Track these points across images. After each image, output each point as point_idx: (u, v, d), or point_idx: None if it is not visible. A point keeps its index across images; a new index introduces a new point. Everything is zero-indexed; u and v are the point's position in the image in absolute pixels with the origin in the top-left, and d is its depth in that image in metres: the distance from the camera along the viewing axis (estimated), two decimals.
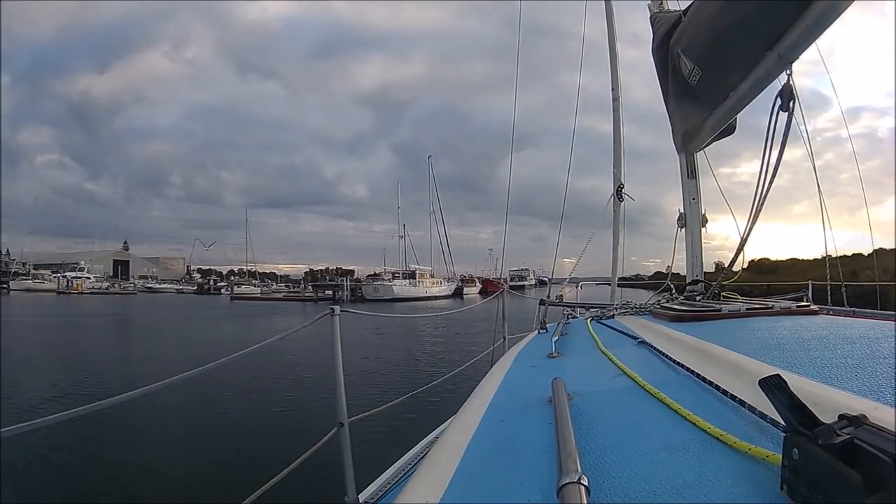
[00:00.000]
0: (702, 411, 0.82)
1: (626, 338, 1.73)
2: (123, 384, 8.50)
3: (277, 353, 12.64)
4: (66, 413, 1.43)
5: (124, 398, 1.59)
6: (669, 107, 3.36)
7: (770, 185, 1.94)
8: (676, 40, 2.91)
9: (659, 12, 3.56)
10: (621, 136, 5.14)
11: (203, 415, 7.39)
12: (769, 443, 0.67)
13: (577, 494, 0.57)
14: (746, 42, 2.10)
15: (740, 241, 2.29)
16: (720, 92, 2.53)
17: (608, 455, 0.75)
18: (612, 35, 5.27)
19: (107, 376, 10.68)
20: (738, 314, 1.85)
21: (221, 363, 2.00)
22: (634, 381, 1.10)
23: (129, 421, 6.76)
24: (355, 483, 2.05)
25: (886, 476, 0.43)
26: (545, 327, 2.67)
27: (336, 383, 2.18)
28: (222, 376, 9.27)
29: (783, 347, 1.22)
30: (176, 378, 1.69)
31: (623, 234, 5.05)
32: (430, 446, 1.90)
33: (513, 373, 1.59)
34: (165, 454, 5.90)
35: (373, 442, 3.98)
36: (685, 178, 3.45)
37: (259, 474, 2.02)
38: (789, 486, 0.55)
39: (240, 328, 22.56)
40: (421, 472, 0.89)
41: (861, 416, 0.52)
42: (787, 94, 1.81)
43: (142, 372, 10.61)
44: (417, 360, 12.32)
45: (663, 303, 2.57)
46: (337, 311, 2.24)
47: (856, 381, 0.86)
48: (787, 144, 1.84)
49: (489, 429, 1.01)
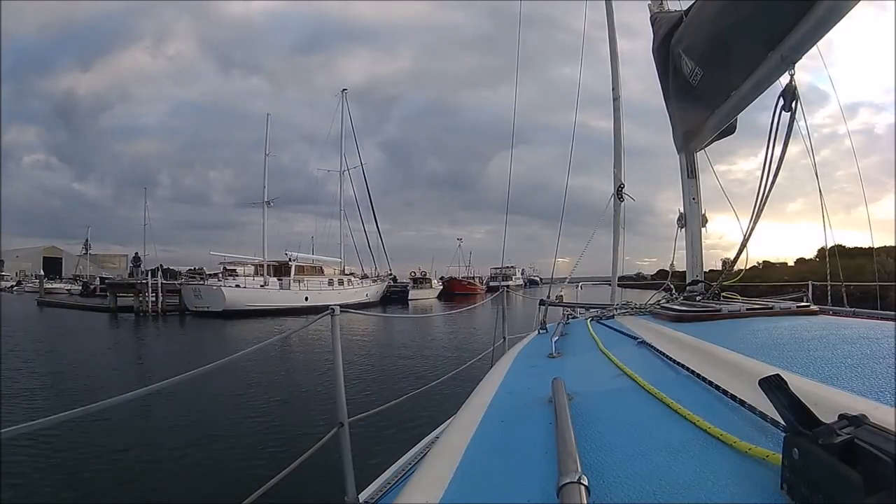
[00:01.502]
0: (702, 411, 0.82)
1: (626, 338, 1.73)
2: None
3: (277, 353, 12.66)
4: (66, 413, 1.43)
5: (124, 399, 1.59)
6: (670, 107, 3.36)
7: (772, 185, 1.94)
8: (677, 40, 2.91)
9: (659, 12, 3.55)
10: (622, 136, 5.13)
11: (203, 415, 7.40)
12: (769, 443, 0.67)
13: (577, 494, 0.57)
14: (748, 42, 2.09)
15: (742, 241, 2.29)
16: (721, 92, 2.52)
17: (608, 455, 0.75)
18: (613, 34, 5.26)
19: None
20: (739, 314, 1.85)
21: (222, 363, 2.00)
22: (634, 381, 1.10)
23: (129, 422, 6.78)
24: (355, 483, 2.05)
25: (886, 476, 0.43)
26: (545, 327, 2.67)
27: (336, 383, 2.18)
28: (222, 376, 9.29)
29: (783, 347, 1.22)
30: (176, 378, 1.69)
31: (623, 234, 5.05)
32: (430, 446, 1.90)
33: (513, 373, 1.59)
34: (165, 455, 5.90)
35: (373, 442, 3.98)
36: (685, 177, 3.45)
37: (259, 474, 2.03)
38: (789, 485, 0.55)
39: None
40: (421, 472, 0.89)
41: (861, 416, 0.52)
42: (790, 95, 1.81)
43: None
44: (418, 360, 12.31)
45: (663, 303, 2.57)
46: (337, 312, 2.24)
47: (856, 381, 0.86)
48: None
49: (489, 429, 1.01)
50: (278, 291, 29.67)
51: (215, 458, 5.79)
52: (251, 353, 2.17)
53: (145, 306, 26.62)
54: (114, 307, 27.89)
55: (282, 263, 31.75)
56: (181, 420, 7.08)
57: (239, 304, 26.39)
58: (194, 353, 14.18)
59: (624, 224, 5.01)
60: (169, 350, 16.07)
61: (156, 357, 14.48)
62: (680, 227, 3.53)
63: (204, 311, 26.13)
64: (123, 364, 12.87)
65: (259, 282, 29.61)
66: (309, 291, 30.51)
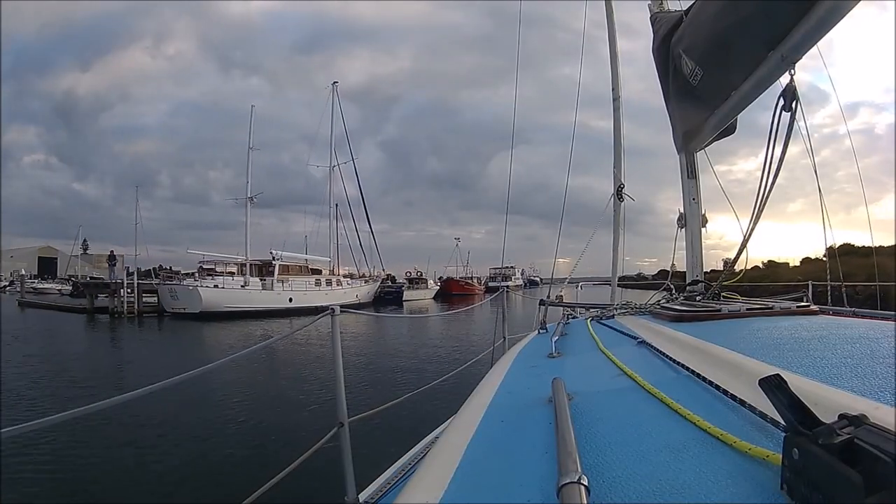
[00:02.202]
0: (702, 411, 0.82)
1: (626, 338, 1.73)
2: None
3: (278, 352, 12.66)
4: (66, 413, 1.43)
5: (125, 399, 1.59)
6: (670, 107, 3.36)
7: (773, 185, 1.94)
8: (677, 40, 2.91)
9: (659, 12, 3.55)
10: (622, 136, 5.13)
11: (203, 415, 7.40)
12: (769, 443, 0.67)
13: (577, 494, 0.57)
14: (748, 42, 2.09)
15: (742, 241, 2.29)
16: (721, 92, 2.52)
17: (608, 455, 0.75)
18: (613, 34, 5.27)
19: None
20: (738, 314, 1.85)
21: (222, 363, 2.00)
22: (634, 381, 1.10)
23: (129, 422, 6.77)
24: (355, 483, 2.05)
25: (886, 476, 0.43)
26: (545, 327, 2.67)
27: (336, 383, 2.18)
28: (223, 376, 9.29)
29: (783, 347, 1.22)
30: (176, 378, 1.69)
31: (623, 235, 5.05)
32: (430, 446, 1.90)
33: (513, 373, 1.59)
34: (165, 454, 5.91)
35: (373, 442, 3.98)
36: (685, 178, 3.45)
37: (259, 474, 2.03)
38: (789, 485, 0.55)
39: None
40: (421, 472, 0.89)
41: (861, 416, 0.52)
42: (790, 95, 1.81)
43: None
44: (418, 360, 12.32)
45: (663, 303, 2.57)
46: (337, 312, 2.24)
47: (856, 381, 0.86)
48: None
49: (489, 429, 1.01)
50: (260, 292, 27.77)
51: (215, 458, 5.80)
52: (251, 353, 2.17)
53: (120, 307, 25.45)
54: (90, 308, 26.68)
55: (265, 263, 29.76)
56: (181, 420, 7.08)
57: (218, 306, 24.90)
58: (152, 364, 12.47)
59: (624, 224, 5.01)
60: (124, 357, 14.47)
61: (107, 365, 12.84)
62: (680, 227, 3.53)
63: (181, 313, 24.80)
64: (59, 372, 11.22)
65: (240, 282, 27.79)
66: (293, 292, 28.73)
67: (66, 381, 10.30)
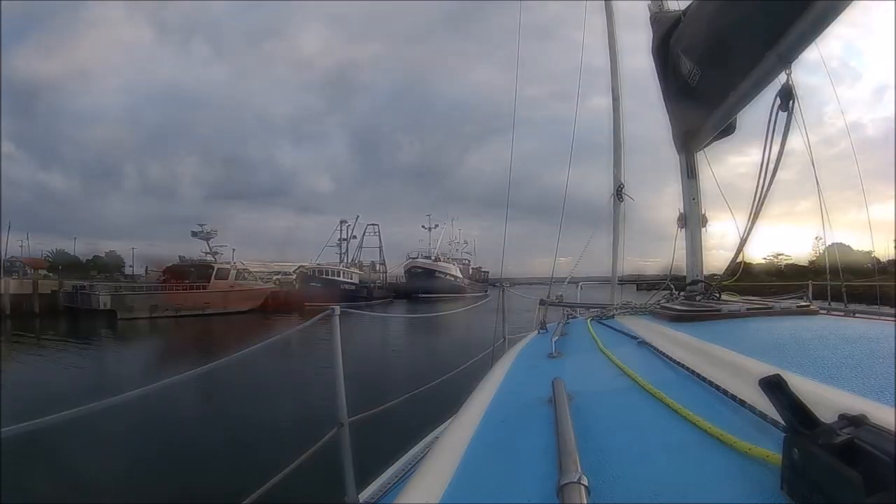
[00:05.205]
0: (702, 411, 0.82)
1: (626, 338, 1.73)
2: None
3: (277, 352, 12.63)
4: (66, 413, 1.43)
5: (125, 398, 1.59)
6: (669, 107, 3.36)
7: (770, 185, 1.94)
8: (676, 40, 2.91)
9: (659, 12, 3.56)
10: (622, 136, 5.13)
11: (203, 415, 7.39)
12: (769, 443, 0.67)
13: (577, 494, 0.57)
14: (746, 42, 2.09)
15: (741, 241, 2.29)
16: (720, 91, 2.52)
17: (608, 455, 0.74)
18: (613, 35, 5.26)
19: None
20: (738, 314, 1.85)
21: (222, 363, 2.00)
22: (634, 381, 1.09)
23: (129, 421, 6.76)
24: (355, 483, 2.05)
25: (886, 476, 0.43)
26: (545, 327, 2.67)
27: (336, 383, 2.18)
28: (222, 376, 9.27)
29: (783, 347, 1.22)
30: (176, 378, 1.69)
31: (623, 235, 5.04)
32: (430, 446, 1.90)
33: (513, 373, 1.59)
34: (165, 455, 5.90)
35: (373, 442, 3.97)
36: (685, 178, 3.44)
37: (259, 474, 2.03)
38: (789, 486, 0.55)
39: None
40: (421, 472, 0.89)
41: (861, 416, 0.52)
42: (787, 95, 1.81)
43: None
44: (418, 360, 12.30)
45: (663, 303, 2.57)
46: (337, 312, 2.24)
47: (856, 381, 0.86)
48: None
49: (489, 429, 1.01)
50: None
51: (215, 458, 5.79)
52: (251, 353, 2.17)
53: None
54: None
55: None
56: (180, 420, 7.07)
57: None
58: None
59: (624, 224, 5.01)
60: None
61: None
62: (680, 227, 3.53)
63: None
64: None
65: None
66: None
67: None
